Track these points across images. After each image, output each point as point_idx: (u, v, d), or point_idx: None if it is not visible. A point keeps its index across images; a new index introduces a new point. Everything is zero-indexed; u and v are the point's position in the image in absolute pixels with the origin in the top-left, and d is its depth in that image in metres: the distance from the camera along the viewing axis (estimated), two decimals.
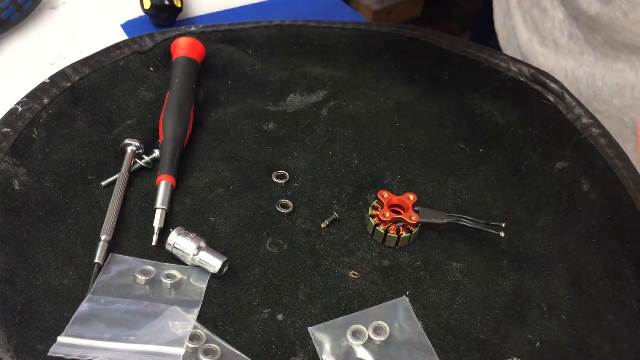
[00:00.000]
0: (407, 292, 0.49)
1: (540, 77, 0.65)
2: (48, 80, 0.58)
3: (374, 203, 0.53)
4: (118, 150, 0.56)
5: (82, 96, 0.58)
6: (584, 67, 0.70)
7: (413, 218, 0.52)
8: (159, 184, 0.52)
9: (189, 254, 0.48)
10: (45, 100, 0.57)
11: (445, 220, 0.53)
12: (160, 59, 0.63)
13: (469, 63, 0.66)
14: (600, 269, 0.53)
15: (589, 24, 0.67)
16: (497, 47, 0.82)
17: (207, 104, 0.61)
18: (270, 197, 0.54)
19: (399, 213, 0.52)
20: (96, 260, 0.48)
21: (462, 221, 0.52)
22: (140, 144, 0.55)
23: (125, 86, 0.60)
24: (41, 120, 0.56)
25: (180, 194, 0.54)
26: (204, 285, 0.48)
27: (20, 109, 0.56)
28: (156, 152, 0.55)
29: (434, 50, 0.67)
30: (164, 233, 0.50)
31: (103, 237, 0.49)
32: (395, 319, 0.47)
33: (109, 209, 0.51)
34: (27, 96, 0.57)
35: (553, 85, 0.64)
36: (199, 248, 0.48)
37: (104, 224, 0.50)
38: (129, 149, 0.55)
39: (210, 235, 0.51)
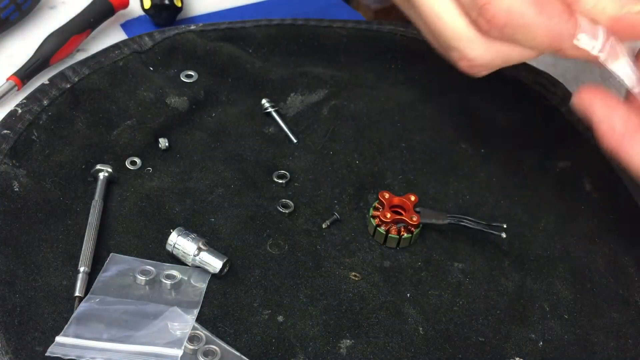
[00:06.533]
0: (408, 295, 0.49)
1: (541, 78, 0.65)
2: (47, 82, 0.58)
3: (375, 204, 0.53)
4: (118, 151, 0.55)
5: (81, 97, 0.58)
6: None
7: (414, 219, 0.51)
8: None
9: (189, 254, 0.48)
10: (45, 102, 0.57)
11: (446, 221, 0.52)
12: (160, 58, 0.63)
13: None
14: (603, 268, 0.52)
15: None
16: None
17: (207, 103, 0.61)
18: (271, 197, 0.54)
19: (400, 214, 0.52)
20: (77, 293, 0.46)
21: (463, 222, 0.52)
22: (112, 169, 0.53)
23: (125, 87, 0.60)
24: (41, 122, 0.55)
25: (181, 194, 0.53)
26: (204, 286, 0.48)
27: (20, 111, 0.55)
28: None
29: (435, 50, 0.67)
30: (163, 234, 0.50)
31: (82, 269, 0.47)
32: None
33: (85, 239, 0.49)
34: (27, 98, 0.57)
35: (554, 86, 0.64)
36: (200, 248, 0.48)
37: (81, 255, 0.48)
38: (101, 175, 0.53)
39: (211, 235, 0.51)
